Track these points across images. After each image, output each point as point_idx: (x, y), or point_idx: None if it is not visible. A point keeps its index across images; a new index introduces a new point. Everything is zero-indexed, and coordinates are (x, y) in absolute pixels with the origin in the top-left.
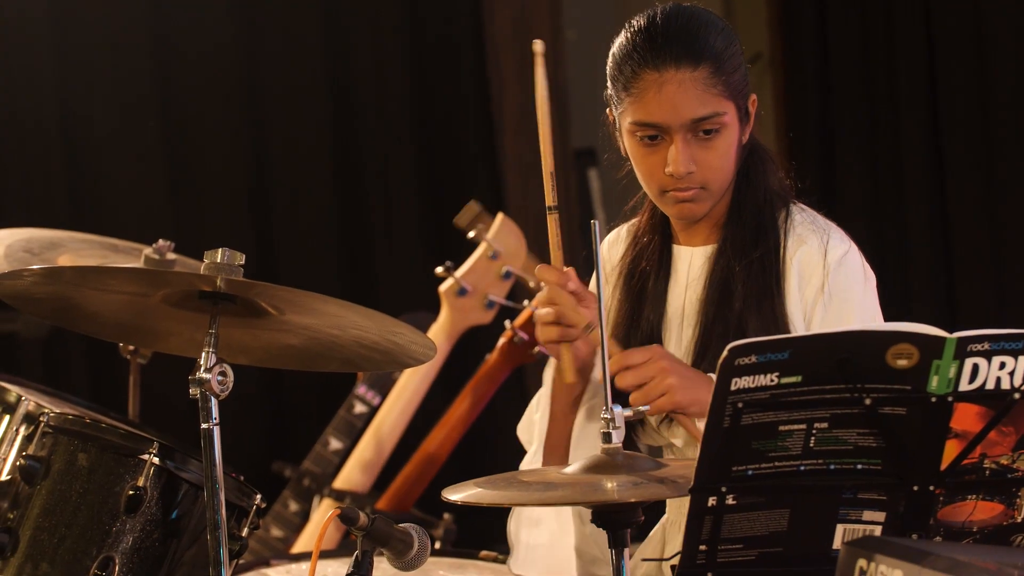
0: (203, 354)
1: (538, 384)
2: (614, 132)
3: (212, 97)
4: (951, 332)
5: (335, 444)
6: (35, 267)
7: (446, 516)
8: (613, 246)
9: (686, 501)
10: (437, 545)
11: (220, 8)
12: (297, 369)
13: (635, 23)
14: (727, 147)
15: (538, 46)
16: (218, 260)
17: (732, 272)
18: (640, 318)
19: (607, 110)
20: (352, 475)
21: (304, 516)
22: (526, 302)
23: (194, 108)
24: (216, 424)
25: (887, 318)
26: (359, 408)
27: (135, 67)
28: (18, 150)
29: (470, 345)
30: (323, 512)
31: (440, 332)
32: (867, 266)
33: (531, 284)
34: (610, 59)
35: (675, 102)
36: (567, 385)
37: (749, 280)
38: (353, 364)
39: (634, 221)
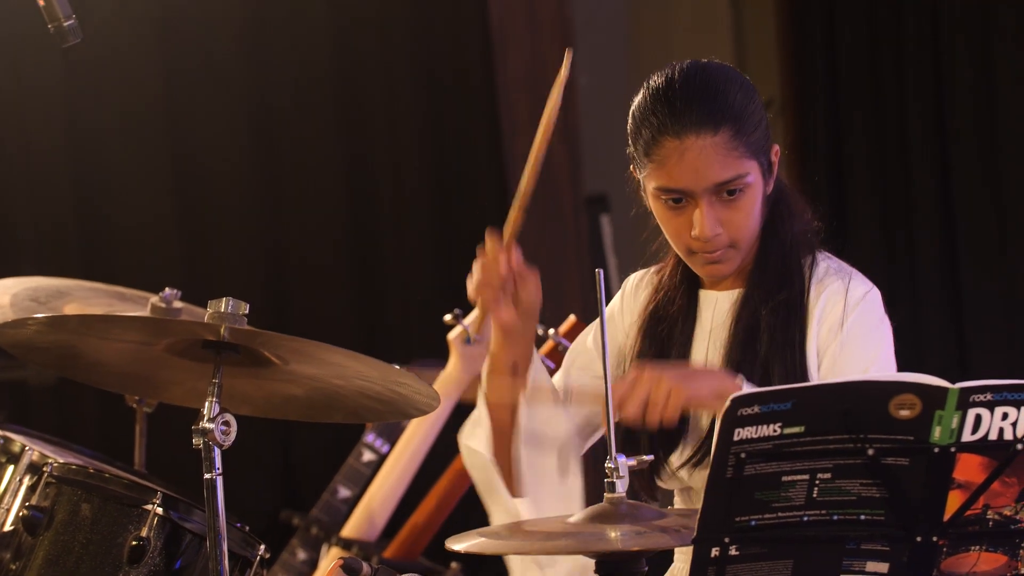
0: (206, 404)
1: None
2: (638, 190)
3: (224, 146)
4: (959, 381)
5: (343, 492)
6: (39, 315)
7: (453, 565)
8: (637, 290)
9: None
10: None
11: (232, 59)
12: (301, 420)
13: (653, 83)
14: (752, 204)
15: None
16: (222, 309)
17: (758, 317)
18: (667, 360)
19: (630, 167)
20: (360, 523)
21: (312, 565)
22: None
23: (206, 157)
24: (219, 474)
25: (897, 363)
26: (368, 456)
27: (147, 115)
28: (28, 197)
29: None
30: (330, 561)
31: (449, 380)
32: (884, 313)
33: (539, 331)
34: (630, 119)
35: (697, 168)
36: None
37: (775, 324)
38: (357, 415)
39: (660, 265)
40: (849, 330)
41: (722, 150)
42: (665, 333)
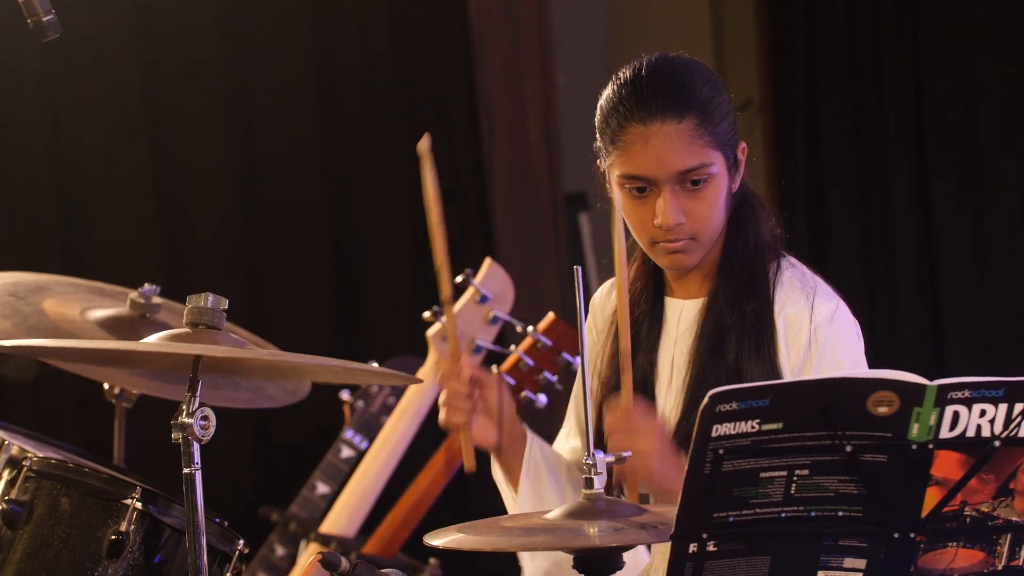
0: (186, 399)
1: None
2: (604, 183)
3: (204, 141)
4: (937, 379)
5: (322, 488)
6: (9, 343)
7: (432, 561)
8: (606, 299)
9: (669, 547)
10: None
11: (212, 56)
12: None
13: (621, 75)
14: (715, 197)
15: (424, 144)
16: (202, 304)
17: (725, 323)
18: (633, 365)
19: (597, 161)
20: (339, 519)
21: (291, 561)
22: (513, 347)
23: (185, 152)
24: (198, 469)
25: (875, 366)
26: (346, 452)
27: (126, 110)
28: (7, 192)
29: None
30: (308, 557)
31: (427, 377)
32: (856, 323)
33: (518, 328)
34: (598, 111)
35: (661, 155)
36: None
37: (745, 330)
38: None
39: (626, 272)
40: (824, 349)
41: (686, 137)
42: (632, 335)
